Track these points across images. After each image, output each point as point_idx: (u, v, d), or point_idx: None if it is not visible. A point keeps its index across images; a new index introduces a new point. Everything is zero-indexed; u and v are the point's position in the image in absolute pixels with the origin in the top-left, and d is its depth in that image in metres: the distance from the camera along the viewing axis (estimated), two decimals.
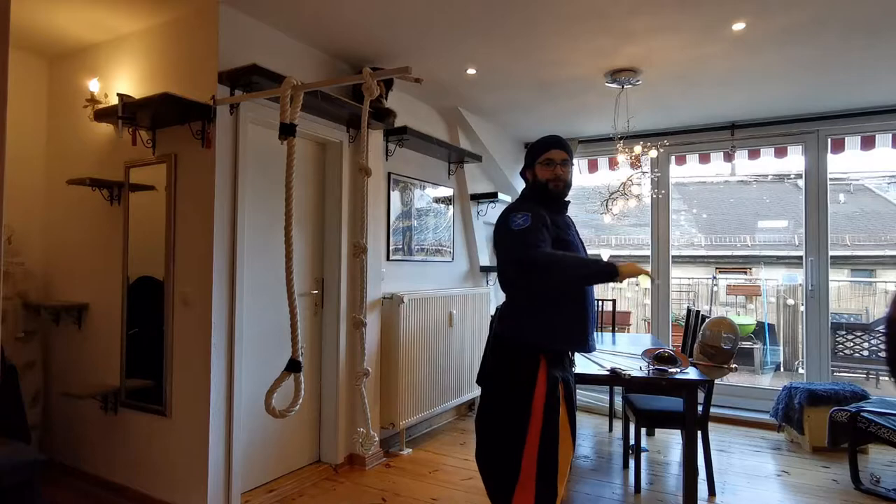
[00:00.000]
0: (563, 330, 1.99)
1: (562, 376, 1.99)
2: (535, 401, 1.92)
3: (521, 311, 2.01)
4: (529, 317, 1.99)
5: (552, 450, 1.90)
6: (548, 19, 2.73)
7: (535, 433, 1.90)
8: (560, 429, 1.92)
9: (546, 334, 1.97)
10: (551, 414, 1.91)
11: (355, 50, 3.14)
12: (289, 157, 1.84)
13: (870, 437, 3.15)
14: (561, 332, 1.99)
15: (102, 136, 3.00)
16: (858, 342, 6.16)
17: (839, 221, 10.85)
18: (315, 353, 3.34)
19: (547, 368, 1.94)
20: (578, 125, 4.74)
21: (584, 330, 2.02)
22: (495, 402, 2.03)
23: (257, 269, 2.88)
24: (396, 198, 3.86)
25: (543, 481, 1.89)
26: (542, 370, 1.93)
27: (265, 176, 2.93)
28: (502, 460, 1.96)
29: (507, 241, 1.97)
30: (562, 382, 1.98)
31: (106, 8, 2.64)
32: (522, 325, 1.99)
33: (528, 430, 1.91)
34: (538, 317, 1.98)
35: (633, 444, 3.20)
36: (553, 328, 1.97)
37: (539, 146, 2.12)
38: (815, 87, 3.70)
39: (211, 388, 2.55)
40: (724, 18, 2.70)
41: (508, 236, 1.96)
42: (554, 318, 1.97)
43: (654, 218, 4.91)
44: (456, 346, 4.14)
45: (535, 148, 2.13)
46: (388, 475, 3.27)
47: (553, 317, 1.97)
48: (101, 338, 3.00)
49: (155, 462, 2.75)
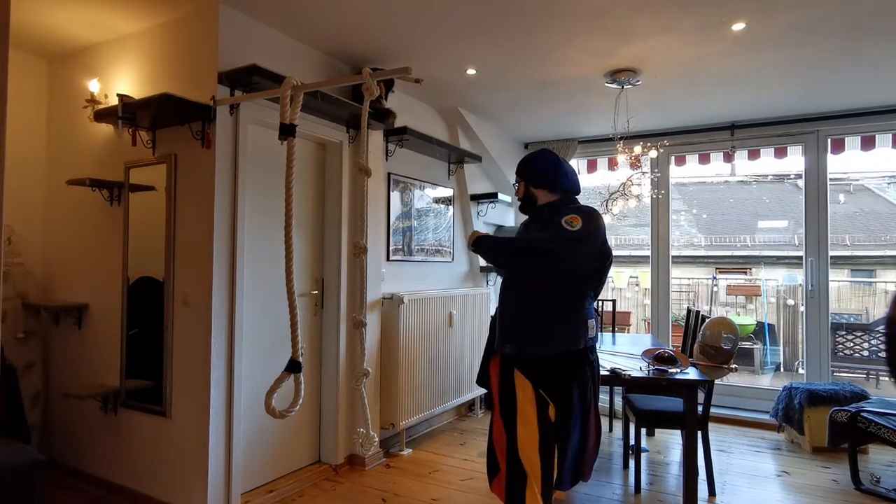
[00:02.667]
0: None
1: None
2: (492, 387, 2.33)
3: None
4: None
5: (512, 434, 2.17)
6: (548, 19, 2.73)
7: (497, 417, 2.27)
8: (520, 414, 2.16)
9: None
10: (505, 398, 2.22)
11: (355, 50, 3.14)
12: (289, 158, 1.85)
13: (870, 437, 3.15)
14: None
15: (102, 136, 3.00)
16: (858, 342, 6.16)
17: (839, 221, 10.84)
18: (315, 353, 3.33)
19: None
20: (578, 125, 4.74)
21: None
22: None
23: (257, 269, 2.88)
24: (396, 198, 3.86)
25: (511, 465, 2.16)
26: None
27: (265, 176, 2.93)
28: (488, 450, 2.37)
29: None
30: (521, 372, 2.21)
31: (106, 8, 2.64)
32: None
33: (493, 416, 2.31)
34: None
35: (633, 444, 3.20)
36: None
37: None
38: (815, 87, 3.70)
39: (211, 389, 2.55)
40: (724, 18, 2.70)
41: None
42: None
43: (654, 218, 4.91)
44: (456, 346, 4.14)
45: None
46: (388, 475, 3.27)
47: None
48: (101, 338, 3.00)
49: (155, 462, 2.74)
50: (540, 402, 2.15)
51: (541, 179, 2.31)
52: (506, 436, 2.20)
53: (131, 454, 2.84)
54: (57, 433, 3.21)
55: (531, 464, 2.11)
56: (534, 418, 2.13)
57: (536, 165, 2.33)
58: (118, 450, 2.90)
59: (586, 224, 2.12)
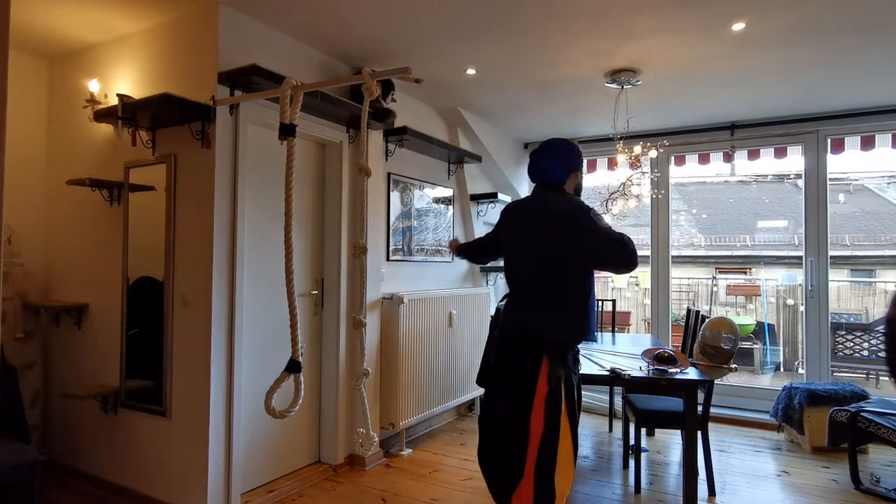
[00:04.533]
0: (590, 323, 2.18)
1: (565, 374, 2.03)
2: (536, 397, 1.96)
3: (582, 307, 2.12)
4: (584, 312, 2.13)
5: (552, 447, 1.93)
6: (548, 19, 2.73)
7: (538, 430, 1.95)
8: (561, 426, 1.95)
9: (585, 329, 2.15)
10: (553, 410, 1.95)
11: (355, 50, 3.14)
12: (289, 158, 1.85)
13: (870, 437, 3.15)
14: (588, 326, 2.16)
15: (102, 136, 3.00)
16: (858, 342, 6.16)
17: (839, 221, 10.84)
18: (315, 353, 3.33)
19: (550, 365, 1.99)
20: (578, 125, 4.74)
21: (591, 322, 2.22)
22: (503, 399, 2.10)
23: (257, 270, 2.88)
24: (396, 198, 3.86)
25: (542, 479, 1.92)
26: (545, 367, 1.99)
27: (265, 176, 2.93)
28: (506, 458, 2.01)
29: (604, 231, 2.03)
30: (565, 381, 2.01)
31: (106, 8, 2.64)
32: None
33: (531, 427, 1.97)
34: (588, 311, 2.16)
35: (633, 444, 3.20)
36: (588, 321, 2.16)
37: (581, 156, 2.29)
38: (815, 87, 3.70)
39: (211, 389, 2.55)
40: (724, 18, 2.70)
41: (602, 228, 2.04)
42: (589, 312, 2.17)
43: (654, 218, 4.91)
44: (456, 346, 4.14)
45: (580, 156, 2.28)
46: (387, 475, 3.27)
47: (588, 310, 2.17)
48: (101, 338, 3.00)
49: (155, 462, 2.74)
50: (573, 417, 2.02)
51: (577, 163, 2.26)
52: (542, 448, 1.95)
53: (131, 454, 2.84)
54: (57, 433, 3.20)
55: (562, 491, 1.96)
56: (570, 437, 1.99)
57: (571, 151, 2.25)
58: (118, 450, 2.90)
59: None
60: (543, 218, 2.13)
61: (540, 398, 1.96)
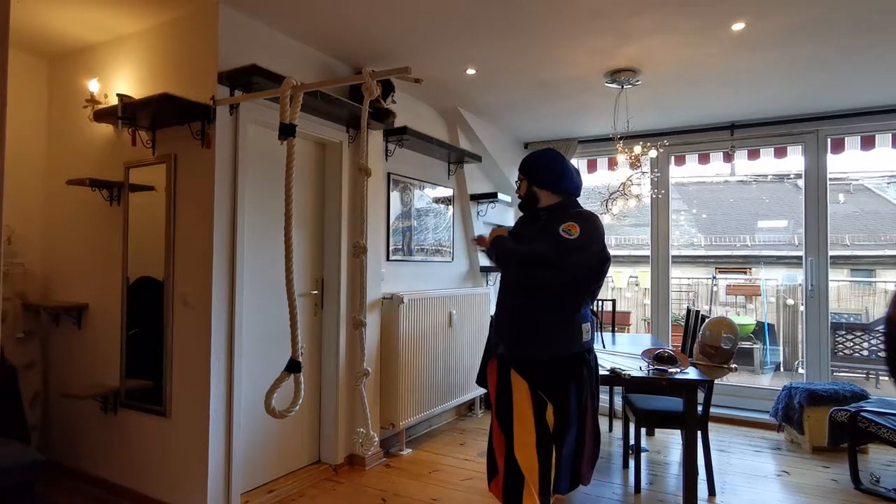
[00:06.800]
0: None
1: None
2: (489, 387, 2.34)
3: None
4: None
5: (509, 436, 2.17)
6: (548, 19, 2.73)
7: (494, 418, 2.26)
8: (517, 416, 2.16)
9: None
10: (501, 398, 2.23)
11: (355, 50, 3.14)
12: (289, 158, 1.85)
13: (870, 436, 3.15)
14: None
15: (102, 136, 3.00)
16: (858, 342, 6.16)
17: (839, 221, 10.84)
18: (315, 353, 3.33)
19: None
20: (578, 125, 4.74)
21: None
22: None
23: (257, 269, 2.88)
24: (396, 198, 3.86)
25: (509, 466, 2.16)
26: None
27: (265, 176, 2.93)
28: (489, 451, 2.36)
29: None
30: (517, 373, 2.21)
31: (106, 8, 2.64)
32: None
33: (492, 417, 2.29)
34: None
35: (633, 444, 3.20)
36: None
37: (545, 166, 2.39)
38: (815, 87, 3.70)
39: (211, 389, 2.55)
40: (724, 18, 2.70)
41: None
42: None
43: (654, 218, 4.91)
44: (456, 346, 4.14)
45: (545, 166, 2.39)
46: (387, 475, 3.27)
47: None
48: (101, 338, 3.00)
49: (155, 462, 2.74)
50: (537, 402, 2.14)
51: (543, 179, 2.28)
52: (503, 437, 2.19)
53: (131, 454, 2.84)
54: (57, 433, 3.20)
55: (528, 466, 2.10)
56: (531, 420, 2.13)
57: (540, 164, 2.30)
58: (118, 450, 2.90)
59: (584, 231, 2.11)
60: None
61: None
